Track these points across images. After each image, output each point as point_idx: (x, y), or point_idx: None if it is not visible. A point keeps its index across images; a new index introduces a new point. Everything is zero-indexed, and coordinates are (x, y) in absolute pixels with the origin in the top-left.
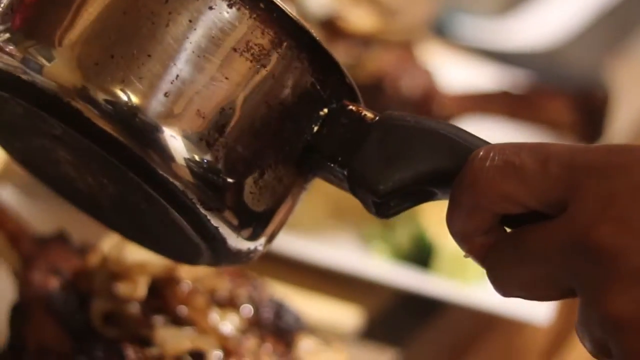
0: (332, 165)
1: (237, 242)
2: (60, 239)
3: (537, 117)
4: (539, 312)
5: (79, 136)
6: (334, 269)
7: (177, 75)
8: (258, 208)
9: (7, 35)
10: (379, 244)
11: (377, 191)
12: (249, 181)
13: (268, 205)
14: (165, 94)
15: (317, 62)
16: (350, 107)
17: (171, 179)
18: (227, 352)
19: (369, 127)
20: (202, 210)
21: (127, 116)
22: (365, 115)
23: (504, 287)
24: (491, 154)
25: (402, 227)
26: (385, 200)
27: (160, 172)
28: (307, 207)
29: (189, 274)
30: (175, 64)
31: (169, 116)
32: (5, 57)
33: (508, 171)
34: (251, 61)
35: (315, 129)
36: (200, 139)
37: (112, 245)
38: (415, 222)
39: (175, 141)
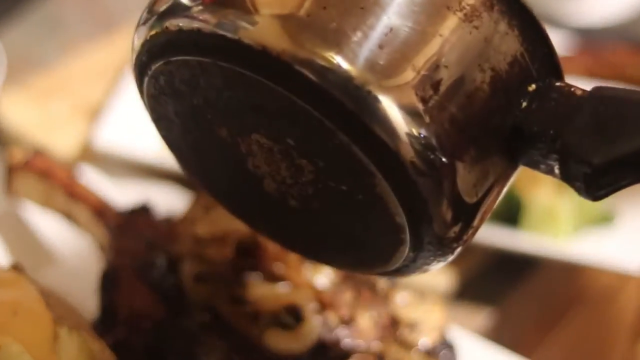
0: (542, 140)
1: (443, 226)
2: (144, 209)
3: (619, 74)
4: (631, 262)
5: (288, 99)
6: None
7: (391, 28)
8: (466, 194)
9: (202, 7)
10: None
11: (592, 163)
12: (460, 160)
13: (476, 193)
14: (380, 46)
15: (527, 31)
16: (559, 83)
17: (394, 148)
18: (323, 305)
19: (580, 101)
20: (419, 181)
21: (345, 76)
22: (574, 90)
23: None
24: None
25: None
26: (599, 175)
27: (381, 135)
28: None
29: None
30: (388, 17)
31: (386, 74)
32: (209, 19)
33: None
34: (464, 20)
35: (524, 104)
36: (417, 94)
37: (196, 210)
38: None
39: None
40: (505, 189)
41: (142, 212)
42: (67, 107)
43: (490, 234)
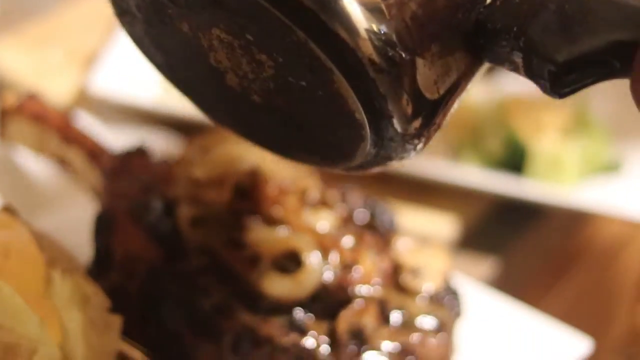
0: (506, 37)
1: (403, 121)
2: (140, 151)
3: None
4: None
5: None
6: (426, 177)
7: None
8: (428, 91)
9: None
10: (469, 154)
11: (556, 60)
12: (421, 56)
13: (438, 89)
14: None
15: None
16: None
17: (353, 44)
18: (324, 249)
19: None
20: (377, 77)
21: None
22: None
23: None
24: None
25: (493, 135)
26: (563, 72)
27: (339, 32)
28: None
29: (276, 176)
30: None
31: None
32: None
33: None
34: None
35: (488, 0)
36: None
37: (193, 152)
38: (506, 126)
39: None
40: (469, 86)
41: (137, 154)
42: (61, 54)
43: (495, 182)
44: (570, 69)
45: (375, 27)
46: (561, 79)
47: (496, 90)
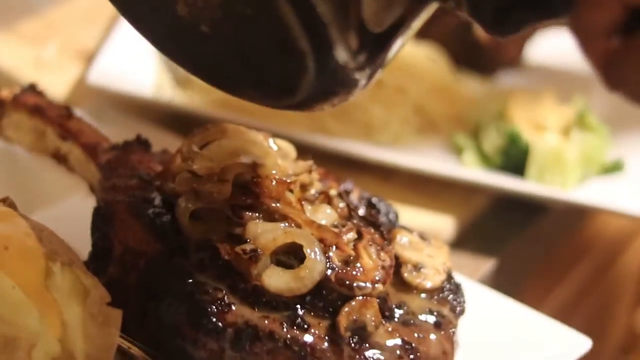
0: None
1: (345, 53)
2: (139, 143)
3: None
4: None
5: None
6: (425, 175)
7: None
8: (372, 25)
9: None
10: (469, 151)
11: None
12: None
13: (383, 24)
14: None
15: None
16: None
17: None
18: (326, 244)
19: None
20: (319, 3)
21: None
22: None
23: (637, 89)
24: None
25: (494, 133)
26: (504, 8)
27: None
28: (396, 119)
29: (276, 171)
30: None
31: None
32: None
33: None
34: None
35: None
36: None
37: (192, 145)
38: (507, 124)
39: None
40: (415, 25)
41: (135, 148)
42: (57, 50)
43: (496, 180)
44: (511, 5)
45: None
46: (502, 14)
47: (497, 87)
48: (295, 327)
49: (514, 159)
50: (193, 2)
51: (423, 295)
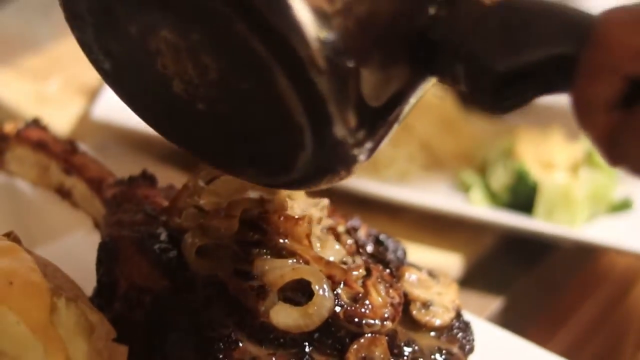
0: (448, 48)
1: (344, 129)
2: (144, 178)
3: None
4: None
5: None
6: (433, 213)
7: None
8: (371, 100)
9: None
10: (476, 192)
11: (496, 70)
12: (364, 65)
13: (382, 99)
14: None
15: None
16: None
17: (304, 54)
18: (334, 281)
19: (488, 11)
20: (315, 75)
21: None
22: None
23: (631, 162)
24: (619, 14)
25: (501, 170)
26: (503, 83)
27: (283, 32)
28: (403, 155)
29: (283, 207)
30: None
31: None
32: None
33: None
34: None
35: (432, 12)
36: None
37: (199, 180)
38: (515, 161)
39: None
40: (414, 100)
41: (141, 183)
42: (60, 85)
43: (504, 218)
44: (510, 80)
45: (320, 31)
46: (501, 91)
47: (504, 124)
48: None
49: (522, 197)
50: (189, 79)
51: (432, 333)
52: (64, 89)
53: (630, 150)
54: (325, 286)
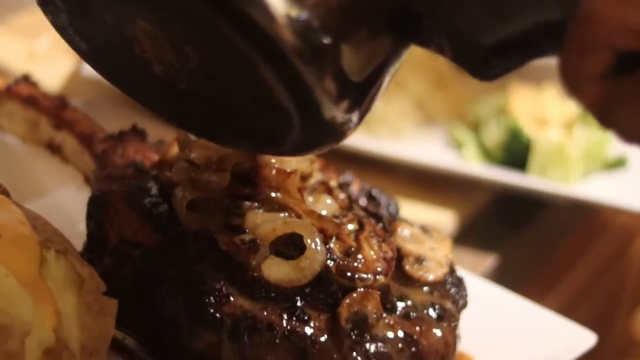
0: (432, 21)
1: (330, 108)
2: (135, 133)
3: None
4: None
5: None
6: (426, 170)
7: None
8: (354, 75)
9: None
10: (470, 149)
11: (482, 44)
12: (346, 41)
13: (364, 72)
14: None
15: None
16: None
17: (271, 32)
18: (325, 235)
19: None
20: (300, 65)
21: None
22: None
23: (629, 130)
24: None
25: (495, 128)
26: (489, 55)
27: (261, 25)
28: (396, 112)
29: (276, 159)
30: None
31: None
32: None
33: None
34: None
35: None
36: None
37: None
38: (509, 119)
39: None
40: (396, 68)
41: (131, 137)
42: (50, 43)
43: (498, 175)
44: (496, 51)
45: (294, 14)
46: (486, 62)
47: (498, 81)
48: (294, 319)
49: (516, 154)
50: (169, 63)
51: (425, 288)
52: (54, 46)
53: (621, 117)
54: (317, 240)
